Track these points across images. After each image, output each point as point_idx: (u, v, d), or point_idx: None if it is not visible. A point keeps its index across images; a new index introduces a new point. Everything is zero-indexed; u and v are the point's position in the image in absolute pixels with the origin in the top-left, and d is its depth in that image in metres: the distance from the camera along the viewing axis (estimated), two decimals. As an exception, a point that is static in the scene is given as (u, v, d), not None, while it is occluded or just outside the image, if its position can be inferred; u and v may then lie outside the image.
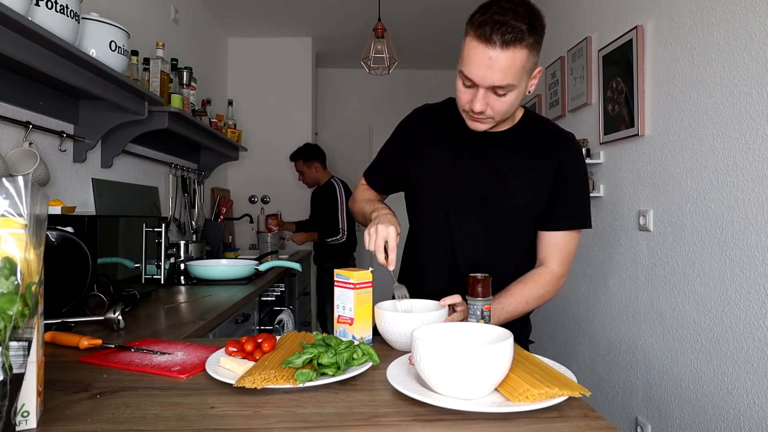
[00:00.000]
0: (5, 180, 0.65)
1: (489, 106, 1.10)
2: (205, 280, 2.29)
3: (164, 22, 3.13)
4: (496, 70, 1.04)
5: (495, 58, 1.03)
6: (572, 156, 1.24)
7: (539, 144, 1.24)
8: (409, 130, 1.35)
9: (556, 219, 1.24)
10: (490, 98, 1.09)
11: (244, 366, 0.89)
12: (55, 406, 0.77)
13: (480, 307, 1.06)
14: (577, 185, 1.25)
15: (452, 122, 1.28)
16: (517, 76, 1.06)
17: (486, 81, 1.06)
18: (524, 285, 1.22)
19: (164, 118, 2.33)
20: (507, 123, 1.25)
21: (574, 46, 2.78)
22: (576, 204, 1.25)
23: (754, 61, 1.58)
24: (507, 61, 1.03)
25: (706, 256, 1.79)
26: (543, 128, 1.28)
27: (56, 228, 1.45)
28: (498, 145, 1.24)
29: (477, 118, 1.14)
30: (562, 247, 1.26)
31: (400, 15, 3.97)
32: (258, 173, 4.50)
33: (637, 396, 2.19)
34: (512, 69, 1.04)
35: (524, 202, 1.24)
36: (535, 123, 1.28)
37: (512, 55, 1.03)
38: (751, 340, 1.59)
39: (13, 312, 0.62)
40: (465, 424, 0.72)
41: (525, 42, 1.03)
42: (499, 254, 1.27)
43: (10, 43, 1.39)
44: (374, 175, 1.43)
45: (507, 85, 1.06)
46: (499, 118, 1.15)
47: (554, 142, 1.24)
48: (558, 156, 1.23)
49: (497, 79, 1.05)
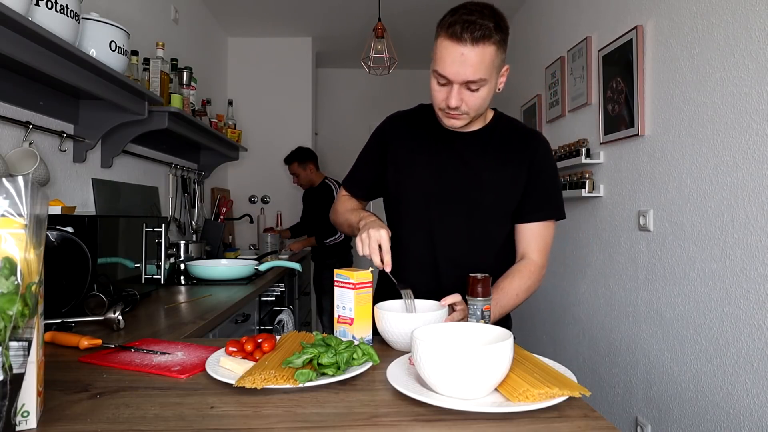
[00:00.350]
0: (5, 180, 0.65)
1: (464, 101, 1.17)
2: (205, 280, 2.29)
3: (164, 22, 3.13)
4: (468, 66, 1.12)
5: (466, 54, 1.11)
6: (543, 153, 1.32)
7: (511, 142, 1.31)
8: (384, 136, 1.41)
9: (532, 211, 1.31)
10: (464, 94, 1.16)
11: (244, 366, 0.89)
12: (55, 406, 0.77)
13: (480, 307, 1.07)
14: (549, 179, 1.32)
15: (426, 125, 1.35)
16: (488, 71, 1.14)
17: (459, 76, 1.13)
18: (512, 279, 1.26)
19: (164, 118, 2.33)
20: (479, 123, 1.31)
21: (574, 46, 2.78)
22: (549, 196, 1.32)
23: (754, 61, 1.58)
24: (478, 56, 1.11)
25: (706, 256, 1.79)
26: (513, 128, 1.35)
27: (56, 228, 1.45)
28: (472, 144, 1.31)
29: (453, 114, 1.21)
30: (540, 238, 1.32)
31: (400, 15, 3.97)
32: (258, 173, 4.50)
33: (637, 396, 2.19)
34: (483, 64, 1.12)
35: (500, 197, 1.30)
36: (505, 123, 1.36)
37: (482, 50, 1.11)
38: (751, 340, 1.59)
39: (13, 312, 0.62)
40: (465, 424, 0.72)
41: (493, 39, 1.11)
42: (478, 249, 1.31)
43: (10, 43, 1.39)
44: (354, 183, 1.48)
45: (479, 80, 1.13)
46: (474, 113, 1.21)
47: (525, 140, 1.32)
48: (529, 153, 1.30)
49: (470, 74, 1.12)
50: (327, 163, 5.28)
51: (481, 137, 1.31)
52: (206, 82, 3.78)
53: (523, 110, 3.68)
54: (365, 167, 1.45)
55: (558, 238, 3.05)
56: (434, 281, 1.31)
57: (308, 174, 3.91)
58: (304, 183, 3.96)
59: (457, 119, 1.22)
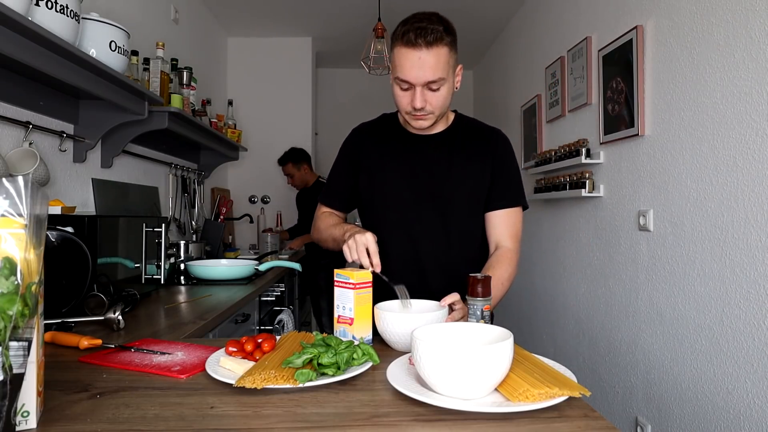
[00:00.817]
0: (5, 180, 0.65)
1: (427, 101, 1.26)
2: (205, 280, 2.29)
3: (164, 22, 3.13)
4: (426, 68, 1.21)
5: (423, 58, 1.21)
6: (503, 147, 1.42)
7: (473, 139, 1.41)
8: (354, 147, 1.50)
9: (498, 198, 1.40)
10: (427, 95, 1.26)
11: (244, 366, 0.89)
12: (55, 406, 0.77)
13: (480, 307, 1.07)
14: (511, 169, 1.42)
15: (392, 132, 1.44)
16: (444, 70, 1.23)
17: (420, 79, 1.22)
18: (495, 269, 1.31)
19: (164, 118, 2.33)
20: (441, 124, 1.41)
21: (574, 46, 2.78)
22: (511, 185, 1.41)
23: (754, 61, 1.58)
24: (434, 58, 1.21)
25: (706, 256, 1.79)
26: (475, 126, 1.45)
27: (56, 228, 1.45)
28: (438, 145, 1.40)
29: (419, 116, 1.29)
30: (509, 224, 1.40)
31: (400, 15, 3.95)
32: (258, 173, 4.50)
33: (637, 396, 2.19)
34: (439, 64, 1.22)
35: (470, 191, 1.38)
36: (466, 122, 1.46)
37: (437, 52, 1.21)
38: (751, 340, 1.59)
39: (13, 312, 0.62)
40: (465, 424, 0.72)
41: (444, 41, 1.21)
42: (458, 243, 1.39)
43: (10, 43, 1.39)
44: (330, 196, 1.54)
45: (438, 79, 1.23)
46: (438, 111, 1.30)
47: (486, 137, 1.42)
48: (491, 148, 1.40)
49: (429, 75, 1.22)
50: (327, 163, 5.27)
51: (445, 138, 1.41)
52: (206, 82, 3.78)
53: (523, 110, 3.68)
54: (339, 179, 1.52)
55: (558, 238, 3.05)
56: (421, 281, 1.35)
57: (303, 174, 3.94)
58: (299, 183, 3.98)
59: (424, 119, 1.31)
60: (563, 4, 2.98)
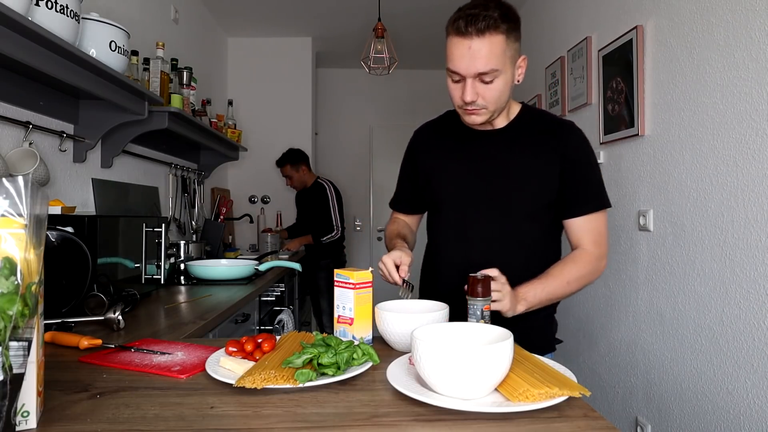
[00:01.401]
0: (5, 180, 0.65)
1: (479, 95, 1.17)
2: (205, 280, 2.29)
3: (164, 22, 3.13)
4: (477, 58, 1.12)
5: (474, 47, 1.12)
6: (575, 142, 1.27)
7: (539, 135, 1.28)
8: (414, 149, 1.44)
9: (576, 205, 1.26)
10: (479, 87, 1.16)
11: (244, 366, 0.89)
12: (55, 406, 0.77)
13: (480, 307, 1.06)
14: (588, 168, 1.27)
15: (453, 130, 1.35)
16: (499, 61, 1.13)
17: (470, 70, 1.13)
18: (564, 265, 1.24)
19: (164, 118, 2.33)
20: (503, 119, 1.30)
21: (574, 46, 2.78)
22: (591, 187, 1.27)
23: (754, 61, 1.58)
24: (485, 47, 1.11)
25: (706, 256, 1.79)
26: (541, 120, 1.32)
27: (56, 228, 1.45)
28: (499, 142, 1.29)
29: (471, 110, 1.20)
30: (591, 230, 1.27)
31: (400, 15, 3.97)
32: (258, 173, 4.50)
33: (637, 396, 2.19)
34: (492, 54, 1.12)
35: (531, 192, 1.26)
36: (532, 116, 1.32)
37: (489, 41, 1.11)
38: (751, 340, 1.59)
39: (13, 312, 0.62)
40: (465, 424, 0.72)
41: (499, 29, 1.12)
42: (511, 246, 1.28)
43: (10, 43, 1.39)
44: (397, 200, 1.52)
45: (491, 71, 1.13)
46: (493, 106, 1.20)
47: (553, 131, 1.28)
48: (559, 144, 1.26)
49: (480, 65, 1.13)
50: (327, 163, 5.29)
51: (507, 133, 1.29)
52: (206, 82, 3.78)
53: (523, 110, 3.67)
54: (403, 183, 1.48)
55: (558, 238, 3.05)
56: None
57: (301, 175, 3.92)
58: (297, 185, 3.96)
59: (477, 114, 1.21)
60: (563, 4, 2.98)
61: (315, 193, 3.90)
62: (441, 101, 6.00)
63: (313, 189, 3.92)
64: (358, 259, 5.32)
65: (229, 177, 4.49)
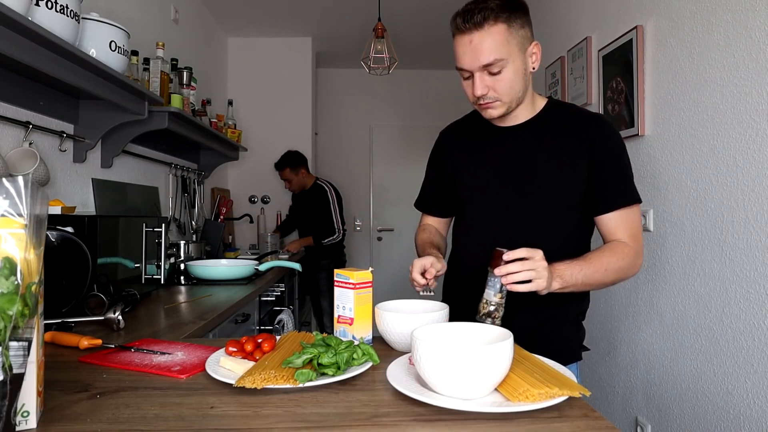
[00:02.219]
0: (5, 180, 0.65)
1: (490, 88, 1.16)
2: (205, 280, 2.29)
3: (164, 22, 3.13)
4: (479, 51, 1.12)
5: (474, 41, 1.12)
6: (604, 136, 1.22)
7: (566, 129, 1.24)
8: (439, 150, 1.43)
9: (609, 199, 1.21)
10: (488, 80, 1.15)
11: (244, 366, 0.89)
12: (55, 406, 0.77)
13: (499, 280, 1.05)
14: (620, 162, 1.22)
15: (477, 129, 1.34)
16: (503, 50, 1.12)
17: (475, 63, 1.13)
18: (601, 253, 1.18)
19: (164, 118, 2.33)
20: (527, 112, 1.26)
21: (574, 46, 2.78)
22: (624, 180, 1.23)
23: (754, 61, 1.58)
24: (486, 39, 1.11)
25: (706, 256, 1.79)
26: (568, 113, 1.27)
27: (56, 228, 1.45)
28: (523, 137, 1.26)
29: (485, 104, 1.19)
30: (626, 225, 1.22)
31: (400, 15, 3.97)
32: (258, 173, 4.50)
33: (637, 396, 2.19)
34: (494, 45, 1.11)
35: (558, 188, 1.22)
36: (559, 109, 1.28)
37: (488, 32, 1.11)
38: (751, 340, 1.59)
39: (13, 312, 0.62)
40: (465, 424, 0.72)
41: (499, 18, 1.11)
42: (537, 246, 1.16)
43: (10, 43, 1.39)
44: (425, 201, 1.50)
45: (495, 61, 1.12)
46: (506, 97, 1.17)
47: (581, 125, 1.23)
48: (587, 138, 1.21)
49: (483, 58, 1.12)
50: (327, 163, 5.29)
51: (531, 127, 1.26)
52: (206, 82, 3.78)
53: (523, 110, 3.68)
54: (431, 186, 1.46)
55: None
56: None
57: (301, 178, 3.90)
58: (297, 187, 3.94)
59: (492, 108, 1.19)
60: (563, 4, 2.98)
61: (315, 196, 3.89)
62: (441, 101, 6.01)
63: (313, 191, 3.91)
64: (358, 259, 5.32)
65: (229, 177, 4.49)
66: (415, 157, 4.76)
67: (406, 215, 5.03)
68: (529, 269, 1.03)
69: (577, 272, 1.12)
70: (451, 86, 5.51)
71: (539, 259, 1.05)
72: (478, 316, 1.10)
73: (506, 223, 1.26)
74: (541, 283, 1.04)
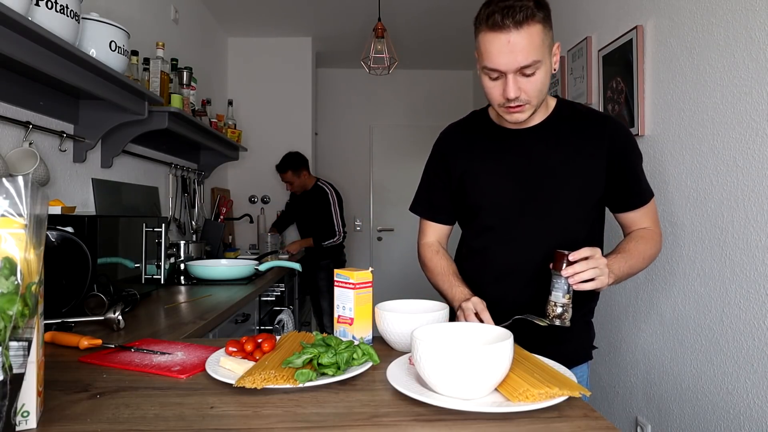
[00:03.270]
0: (5, 180, 0.65)
1: (522, 90, 1.11)
2: (205, 280, 2.29)
3: (164, 22, 3.13)
4: (518, 52, 1.06)
5: (513, 41, 1.06)
6: (622, 138, 1.23)
7: (580, 128, 1.23)
8: (443, 152, 1.35)
9: (632, 198, 1.25)
10: (521, 81, 1.10)
11: (244, 366, 0.89)
12: (55, 406, 0.77)
13: (565, 281, 1.05)
14: (637, 163, 1.26)
15: (482, 130, 1.30)
16: (539, 51, 1.08)
17: (512, 65, 1.08)
18: (637, 242, 1.21)
19: (164, 118, 2.33)
20: (541, 114, 1.24)
21: (574, 46, 2.78)
22: (642, 178, 1.26)
23: (754, 61, 1.58)
24: (525, 39, 1.06)
25: (706, 256, 1.79)
26: (581, 113, 1.26)
27: (56, 228, 1.45)
28: (537, 138, 1.23)
29: (514, 108, 1.14)
30: (647, 215, 1.27)
31: (400, 15, 3.97)
32: (258, 173, 4.50)
33: (637, 396, 2.19)
34: (533, 45, 1.07)
35: (576, 189, 1.21)
36: (570, 109, 1.27)
37: (528, 32, 1.06)
38: (751, 340, 1.59)
39: (13, 312, 0.62)
40: (465, 424, 0.72)
41: (537, 17, 1.06)
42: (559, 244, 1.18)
43: (10, 43, 1.39)
44: (432, 210, 1.39)
45: (533, 63, 1.08)
46: (536, 101, 1.14)
47: (596, 125, 1.23)
48: (604, 138, 1.21)
49: (522, 59, 1.07)
50: (327, 163, 5.29)
51: (546, 129, 1.23)
52: (206, 82, 3.78)
53: (523, 110, 3.68)
54: (436, 191, 1.37)
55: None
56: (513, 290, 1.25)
57: (303, 180, 3.89)
58: (298, 189, 3.94)
59: (521, 111, 1.15)
60: (563, 4, 2.98)
61: (316, 197, 3.88)
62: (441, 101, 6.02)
63: (314, 193, 3.90)
64: (358, 260, 5.32)
65: (229, 177, 4.49)
66: (415, 157, 4.75)
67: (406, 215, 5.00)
68: (593, 267, 1.05)
69: (623, 264, 1.15)
70: (451, 86, 5.52)
71: (599, 257, 1.07)
72: (547, 319, 1.09)
73: (527, 227, 1.23)
74: (604, 280, 1.07)
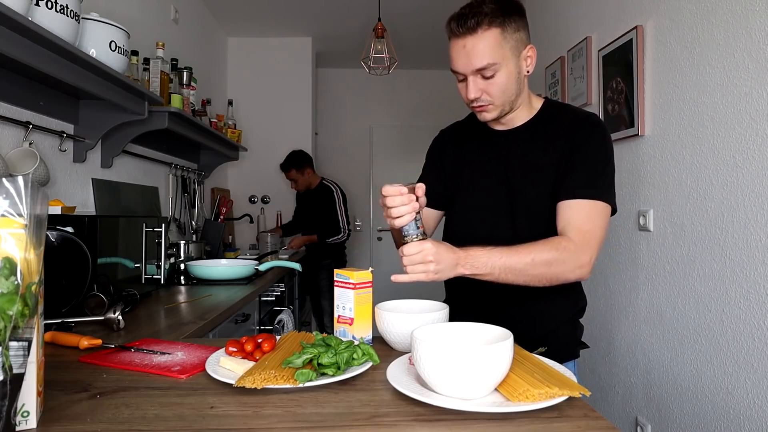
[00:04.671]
0: (5, 180, 0.65)
1: (483, 91, 1.16)
2: (205, 280, 2.29)
3: (164, 22, 3.13)
4: (472, 55, 1.13)
5: (468, 45, 1.13)
6: (584, 132, 1.19)
7: (558, 129, 1.22)
8: (440, 149, 1.41)
9: (567, 187, 1.16)
10: (481, 83, 1.16)
11: (244, 366, 0.89)
12: (55, 406, 0.77)
13: None
14: (591, 157, 1.17)
15: (474, 131, 1.33)
16: (496, 55, 1.13)
17: (468, 67, 1.14)
18: (534, 244, 1.11)
19: (164, 118, 2.33)
20: (525, 115, 1.26)
21: (574, 46, 2.78)
22: (589, 174, 1.16)
23: (754, 61, 1.58)
24: (479, 43, 1.12)
25: (706, 256, 1.79)
26: (561, 113, 1.26)
27: (56, 228, 1.45)
28: (519, 140, 1.25)
29: (479, 107, 1.19)
30: (578, 217, 1.14)
31: (400, 15, 3.97)
32: (258, 173, 4.50)
33: (637, 396, 2.19)
34: (487, 49, 1.12)
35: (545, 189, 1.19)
36: (553, 110, 1.27)
37: (482, 37, 1.12)
38: (751, 340, 1.59)
39: (13, 312, 0.62)
40: (465, 424, 0.72)
41: (493, 23, 1.12)
42: None
43: (10, 43, 1.39)
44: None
45: (488, 65, 1.13)
46: (499, 101, 1.18)
47: (572, 123, 1.21)
48: (570, 134, 1.19)
49: (476, 62, 1.13)
50: (327, 162, 5.29)
51: (526, 131, 1.25)
52: (206, 82, 3.78)
53: (523, 110, 3.68)
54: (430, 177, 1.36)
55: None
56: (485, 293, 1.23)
57: (307, 178, 3.90)
58: (302, 187, 3.95)
59: (486, 111, 1.19)
60: (563, 4, 2.98)
61: (321, 195, 3.89)
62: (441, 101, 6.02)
63: (319, 191, 3.91)
64: (358, 259, 5.32)
65: (229, 177, 4.49)
66: (415, 157, 4.74)
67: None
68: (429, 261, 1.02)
69: (497, 259, 1.07)
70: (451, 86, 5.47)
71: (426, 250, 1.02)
72: None
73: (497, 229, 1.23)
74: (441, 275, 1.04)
